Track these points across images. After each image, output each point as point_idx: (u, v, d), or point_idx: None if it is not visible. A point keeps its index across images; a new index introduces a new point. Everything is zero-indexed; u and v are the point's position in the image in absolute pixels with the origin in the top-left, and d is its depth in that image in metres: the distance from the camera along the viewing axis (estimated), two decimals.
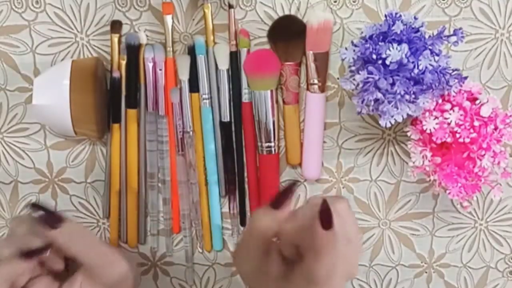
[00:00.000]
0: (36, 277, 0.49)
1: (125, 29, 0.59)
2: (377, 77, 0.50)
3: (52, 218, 0.47)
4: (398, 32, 0.50)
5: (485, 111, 0.53)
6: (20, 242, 0.48)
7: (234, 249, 0.49)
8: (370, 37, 0.52)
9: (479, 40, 0.58)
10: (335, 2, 0.58)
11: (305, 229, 0.43)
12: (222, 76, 0.59)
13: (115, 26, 0.59)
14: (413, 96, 0.51)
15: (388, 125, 0.52)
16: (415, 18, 0.52)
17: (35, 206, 0.47)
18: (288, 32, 0.58)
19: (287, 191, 0.45)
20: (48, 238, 0.47)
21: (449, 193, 0.54)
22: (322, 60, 0.58)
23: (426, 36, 0.52)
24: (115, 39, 0.59)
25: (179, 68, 0.59)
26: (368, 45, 0.51)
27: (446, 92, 0.54)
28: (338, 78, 0.60)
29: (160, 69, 0.59)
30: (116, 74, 0.59)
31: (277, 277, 0.46)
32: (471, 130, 0.53)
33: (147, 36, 0.59)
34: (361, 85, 0.52)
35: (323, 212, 0.42)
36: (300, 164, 0.61)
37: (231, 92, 0.60)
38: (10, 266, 0.46)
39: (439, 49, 0.52)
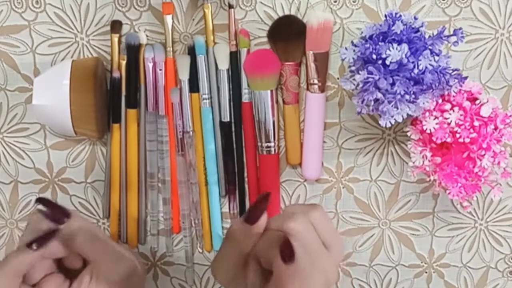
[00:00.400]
0: (50, 274, 0.49)
1: (125, 29, 0.59)
2: (377, 77, 0.50)
3: (57, 213, 0.47)
4: (398, 32, 0.50)
5: (485, 111, 0.53)
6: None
7: (213, 260, 0.49)
8: (370, 37, 0.52)
9: (479, 40, 0.58)
10: (335, 2, 0.58)
11: (272, 248, 0.44)
12: (222, 76, 0.59)
13: (115, 26, 0.59)
14: (413, 96, 0.51)
15: (388, 125, 0.52)
16: (415, 18, 0.52)
17: (41, 200, 0.47)
18: (288, 32, 0.58)
19: (259, 205, 0.44)
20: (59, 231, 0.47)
21: (449, 193, 0.54)
22: (322, 60, 0.58)
23: (426, 36, 0.52)
24: (115, 39, 0.59)
25: (179, 68, 0.59)
26: (368, 45, 0.51)
27: (446, 92, 0.54)
28: (338, 78, 0.60)
29: (160, 69, 0.59)
30: (116, 74, 0.59)
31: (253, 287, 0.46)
32: (471, 130, 0.53)
33: (147, 36, 0.59)
34: (361, 85, 0.52)
35: (285, 247, 0.42)
36: (300, 164, 0.61)
37: (231, 92, 0.60)
38: (18, 258, 0.46)
39: (439, 49, 0.52)
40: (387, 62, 0.49)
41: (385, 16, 0.52)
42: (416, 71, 0.50)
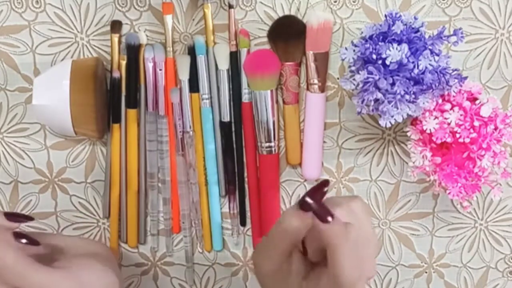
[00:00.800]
0: None
1: (125, 29, 0.59)
2: (377, 77, 0.50)
3: None
4: (398, 32, 0.50)
5: (485, 111, 0.53)
6: None
7: (256, 248, 0.47)
8: (370, 37, 0.52)
9: (479, 40, 0.58)
10: (335, 2, 0.58)
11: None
12: (222, 76, 0.59)
13: (115, 26, 0.59)
14: (413, 96, 0.51)
15: (388, 125, 0.52)
16: (415, 18, 0.52)
17: None
18: (288, 32, 0.58)
19: (317, 192, 0.43)
20: None
21: (449, 193, 0.54)
22: (322, 60, 0.58)
23: (426, 36, 0.52)
24: (115, 39, 0.59)
25: (179, 68, 0.59)
26: (368, 45, 0.51)
27: (446, 92, 0.54)
28: (338, 78, 0.60)
29: (160, 69, 0.59)
30: (116, 74, 0.59)
31: (298, 277, 0.45)
32: (471, 130, 0.53)
33: (147, 36, 0.59)
34: (361, 85, 0.52)
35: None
36: (300, 164, 0.61)
37: (231, 92, 0.60)
38: None
39: (439, 49, 0.52)
40: (387, 62, 0.49)
41: (385, 16, 0.52)
42: (416, 71, 0.50)
